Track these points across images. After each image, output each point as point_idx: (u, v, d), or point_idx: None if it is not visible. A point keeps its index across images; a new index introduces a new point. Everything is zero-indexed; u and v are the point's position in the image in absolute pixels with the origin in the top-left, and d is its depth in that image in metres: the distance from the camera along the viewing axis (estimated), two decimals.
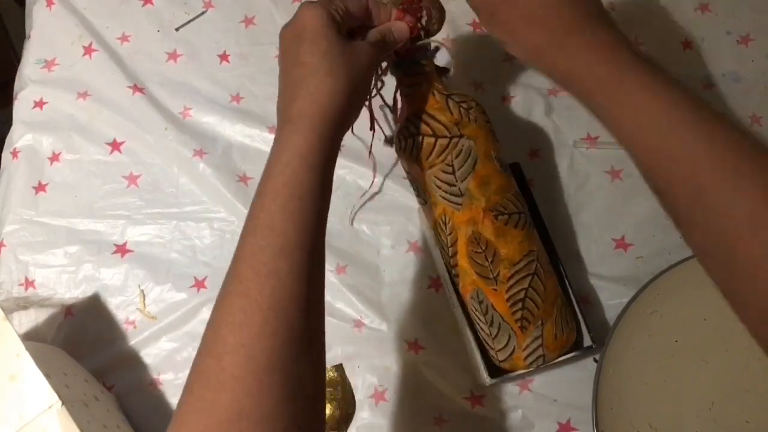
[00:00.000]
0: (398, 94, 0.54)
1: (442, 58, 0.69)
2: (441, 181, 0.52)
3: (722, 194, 0.30)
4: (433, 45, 0.52)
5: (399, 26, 0.45)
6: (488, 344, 0.56)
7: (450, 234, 0.54)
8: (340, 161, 0.52)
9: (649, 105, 0.33)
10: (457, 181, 0.52)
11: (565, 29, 0.36)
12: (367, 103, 0.54)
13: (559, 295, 0.56)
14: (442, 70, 0.55)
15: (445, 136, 0.51)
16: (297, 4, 0.74)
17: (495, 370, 0.56)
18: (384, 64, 0.52)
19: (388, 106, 0.56)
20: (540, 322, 0.54)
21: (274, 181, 0.37)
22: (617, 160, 0.67)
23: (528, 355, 0.55)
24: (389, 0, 0.46)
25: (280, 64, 0.42)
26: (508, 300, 0.53)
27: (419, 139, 0.51)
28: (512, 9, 0.37)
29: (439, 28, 0.50)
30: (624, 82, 0.34)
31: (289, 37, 0.41)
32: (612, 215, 0.66)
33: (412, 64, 0.51)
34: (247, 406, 0.32)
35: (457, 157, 0.51)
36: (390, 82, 0.53)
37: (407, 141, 0.52)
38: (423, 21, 0.48)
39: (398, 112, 0.55)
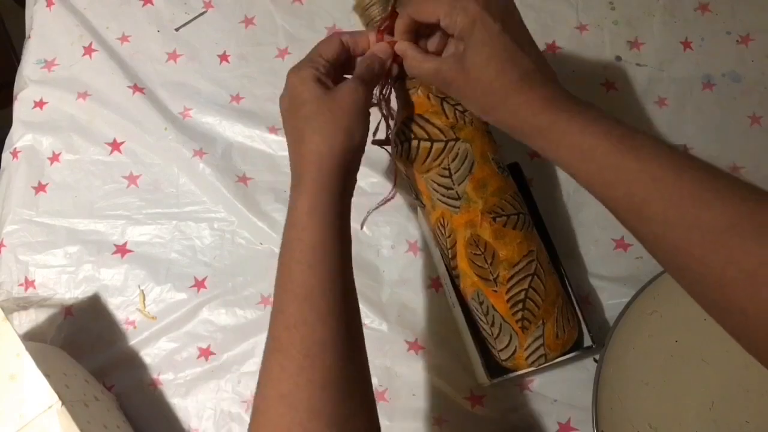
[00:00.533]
0: (393, 98, 0.53)
1: None
2: (438, 184, 0.52)
3: (655, 206, 0.35)
4: None
5: (380, 48, 0.47)
6: (491, 344, 0.56)
7: (449, 236, 0.54)
8: None
9: (582, 143, 0.38)
10: (454, 184, 0.51)
11: (505, 91, 0.41)
12: (383, 112, 0.53)
13: (560, 294, 0.56)
14: None
15: (441, 140, 0.51)
16: (297, 5, 0.74)
17: (495, 370, 0.56)
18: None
19: (386, 110, 0.56)
20: (541, 321, 0.54)
21: (290, 235, 0.40)
22: None
23: (530, 355, 0.55)
24: (367, 24, 0.47)
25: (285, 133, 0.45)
26: (508, 301, 0.53)
27: (415, 143, 0.51)
28: (462, 79, 0.42)
29: None
30: (557, 129, 0.39)
31: (285, 105, 0.44)
32: (612, 215, 0.66)
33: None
34: None
35: (453, 160, 0.51)
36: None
37: (403, 145, 0.52)
38: None
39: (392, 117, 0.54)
